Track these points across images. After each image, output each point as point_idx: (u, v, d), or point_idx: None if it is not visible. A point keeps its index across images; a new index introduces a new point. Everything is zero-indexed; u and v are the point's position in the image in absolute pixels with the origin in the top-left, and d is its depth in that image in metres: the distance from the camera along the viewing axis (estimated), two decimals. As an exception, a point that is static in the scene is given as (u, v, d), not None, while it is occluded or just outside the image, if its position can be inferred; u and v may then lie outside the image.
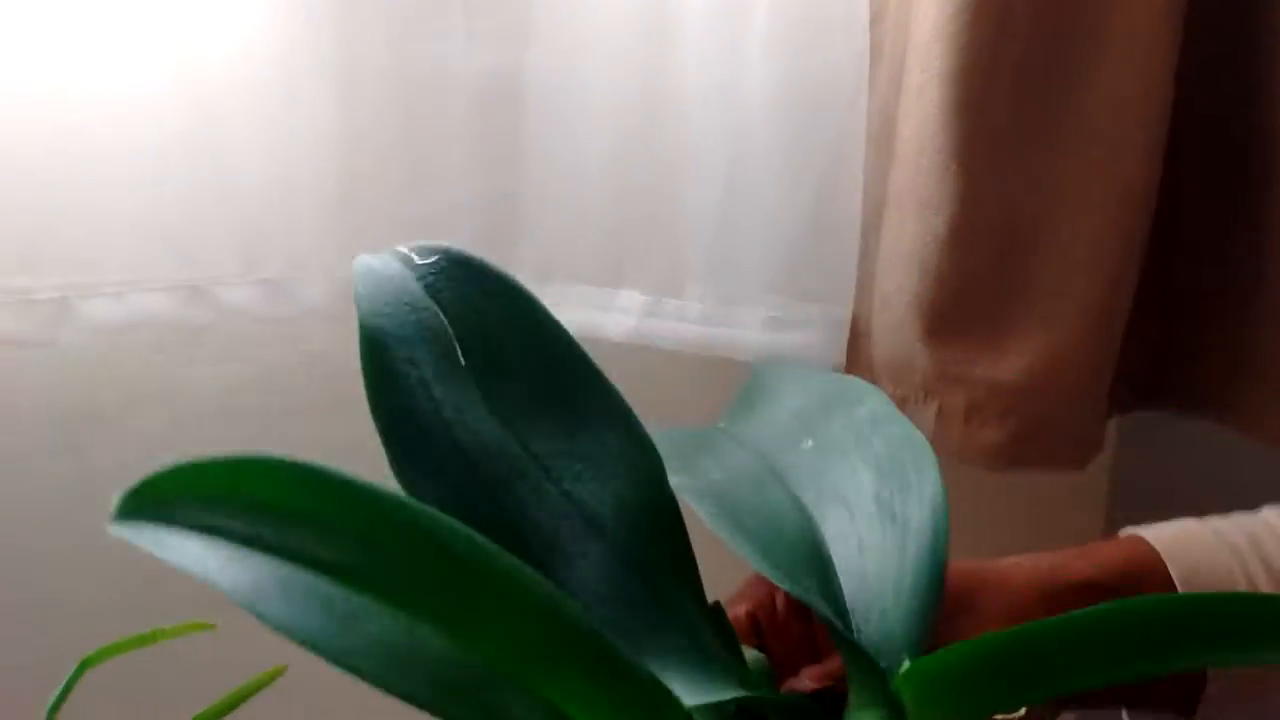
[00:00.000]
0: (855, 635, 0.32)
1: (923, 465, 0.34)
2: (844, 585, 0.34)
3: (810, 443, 0.37)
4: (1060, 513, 0.79)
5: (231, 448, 0.67)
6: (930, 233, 0.56)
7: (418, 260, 0.34)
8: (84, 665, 0.42)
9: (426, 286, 0.34)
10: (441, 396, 0.32)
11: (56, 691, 0.40)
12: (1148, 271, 0.60)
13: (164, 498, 0.23)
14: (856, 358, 0.63)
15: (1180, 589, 0.39)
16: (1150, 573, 0.40)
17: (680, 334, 0.64)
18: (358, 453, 0.79)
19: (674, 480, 0.35)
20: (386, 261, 0.34)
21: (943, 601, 0.32)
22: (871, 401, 0.37)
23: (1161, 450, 0.78)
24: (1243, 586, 0.39)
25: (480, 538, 0.25)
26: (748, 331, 0.63)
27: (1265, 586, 0.39)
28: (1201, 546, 0.40)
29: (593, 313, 0.66)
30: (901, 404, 0.61)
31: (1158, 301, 0.64)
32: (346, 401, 0.76)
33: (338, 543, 0.24)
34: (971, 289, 0.57)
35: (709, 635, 0.33)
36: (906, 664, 0.29)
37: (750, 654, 0.36)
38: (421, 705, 0.24)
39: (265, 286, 0.65)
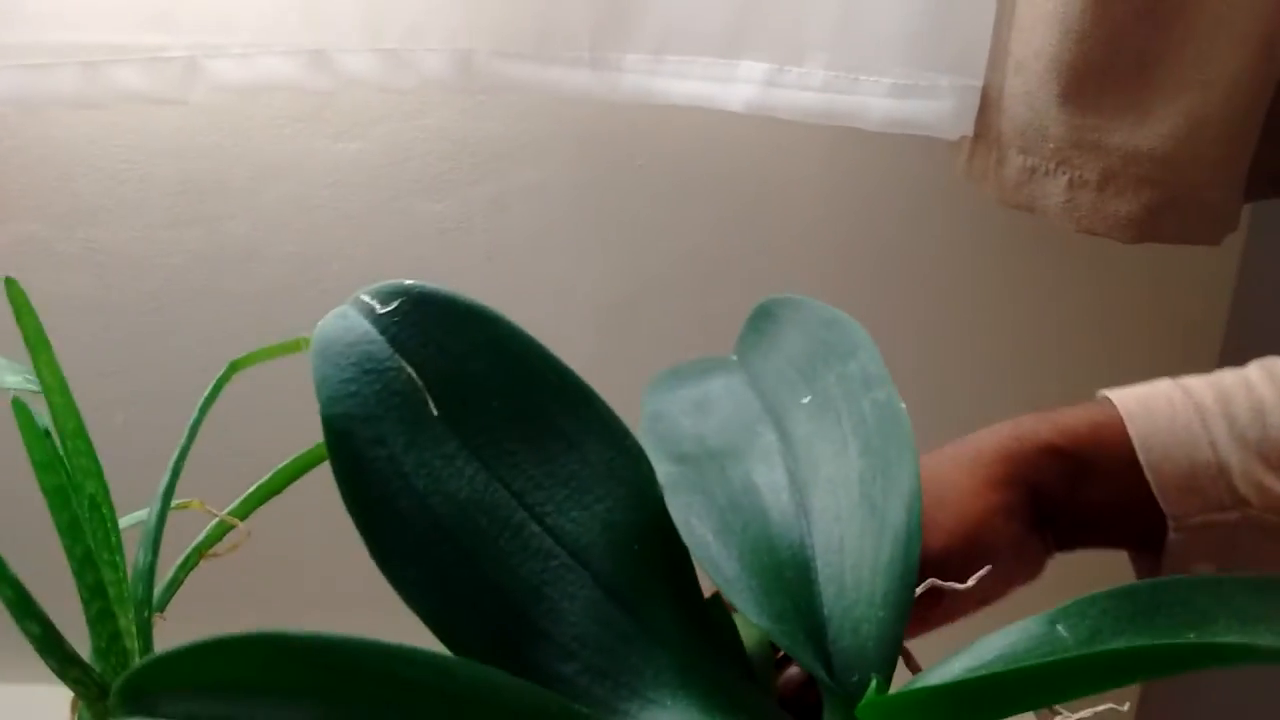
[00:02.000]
0: (833, 646, 0.33)
1: (903, 448, 0.34)
2: (824, 590, 0.34)
3: (808, 398, 0.37)
4: (1185, 300, 0.77)
5: (350, 225, 0.68)
6: (1074, -11, 0.54)
7: (379, 310, 0.33)
8: (233, 367, 0.45)
9: (390, 339, 0.33)
10: (413, 467, 0.32)
11: (208, 389, 0.43)
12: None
13: (146, 691, 0.24)
14: (986, 128, 0.61)
15: (1139, 452, 0.40)
16: (1111, 435, 0.40)
17: (802, 103, 0.62)
18: (467, 231, 0.81)
19: (666, 472, 0.35)
20: (347, 320, 0.33)
21: (912, 598, 0.32)
22: (863, 355, 0.36)
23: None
24: (1203, 447, 0.39)
25: (432, 656, 0.26)
26: (874, 99, 0.61)
27: (1226, 444, 0.39)
28: (1166, 406, 0.40)
29: (712, 85, 0.65)
30: (1030, 174, 0.59)
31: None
32: (462, 180, 0.77)
33: (299, 705, 0.25)
34: (1114, 51, 0.54)
35: (698, 657, 0.33)
36: (872, 688, 0.30)
37: (753, 636, 0.37)
38: None
39: (385, 55, 0.65)
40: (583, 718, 0.29)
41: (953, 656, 0.31)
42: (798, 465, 0.36)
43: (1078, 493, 0.41)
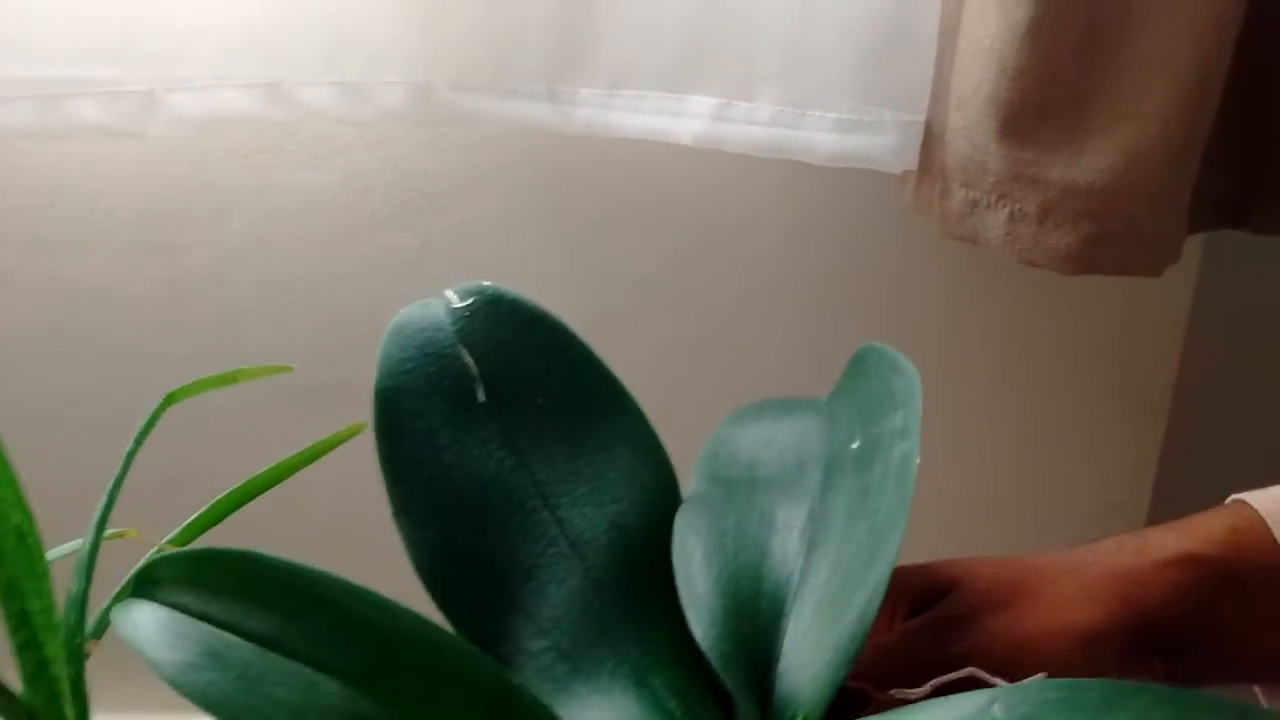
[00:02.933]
0: (777, 683, 0.34)
1: (892, 535, 0.32)
2: (790, 632, 0.34)
3: (857, 444, 0.37)
4: (1139, 332, 0.78)
5: (313, 254, 0.70)
6: (1010, 26, 0.55)
7: (456, 304, 0.38)
8: (169, 399, 0.45)
9: (458, 330, 0.38)
10: (446, 441, 0.36)
11: (141, 424, 0.44)
12: (1236, 76, 0.58)
13: (150, 581, 0.30)
14: (929, 162, 0.63)
15: None
16: (1254, 540, 0.37)
17: (750, 137, 0.64)
18: (428, 260, 0.82)
19: (694, 489, 0.37)
20: (426, 310, 0.38)
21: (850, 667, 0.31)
22: (908, 407, 0.36)
23: (1246, 275, 0.77)
24: None
25: (392, 605, 0.30)
26: (819, 134, 0.62)
27: None
28: None
29: (663, 119, 0.66)
30: (972, 208, 0.60)
31: (1247, 110, 0.62)
32: (423, 212, 0.78)
33: (267, 614, 0.29)
34: (1050, 85, 0.56)
35: (666, 667, 0.35)
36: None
37: None
38: None
39: (344, 88, 0.66)
40: (512, 686, 0.31)
41: (888, 715, 0.32)
42: (823, 509, 0.37)
43: (1216, 611, 0.37)
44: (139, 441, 0.44)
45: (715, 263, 0.76)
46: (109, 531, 0.42)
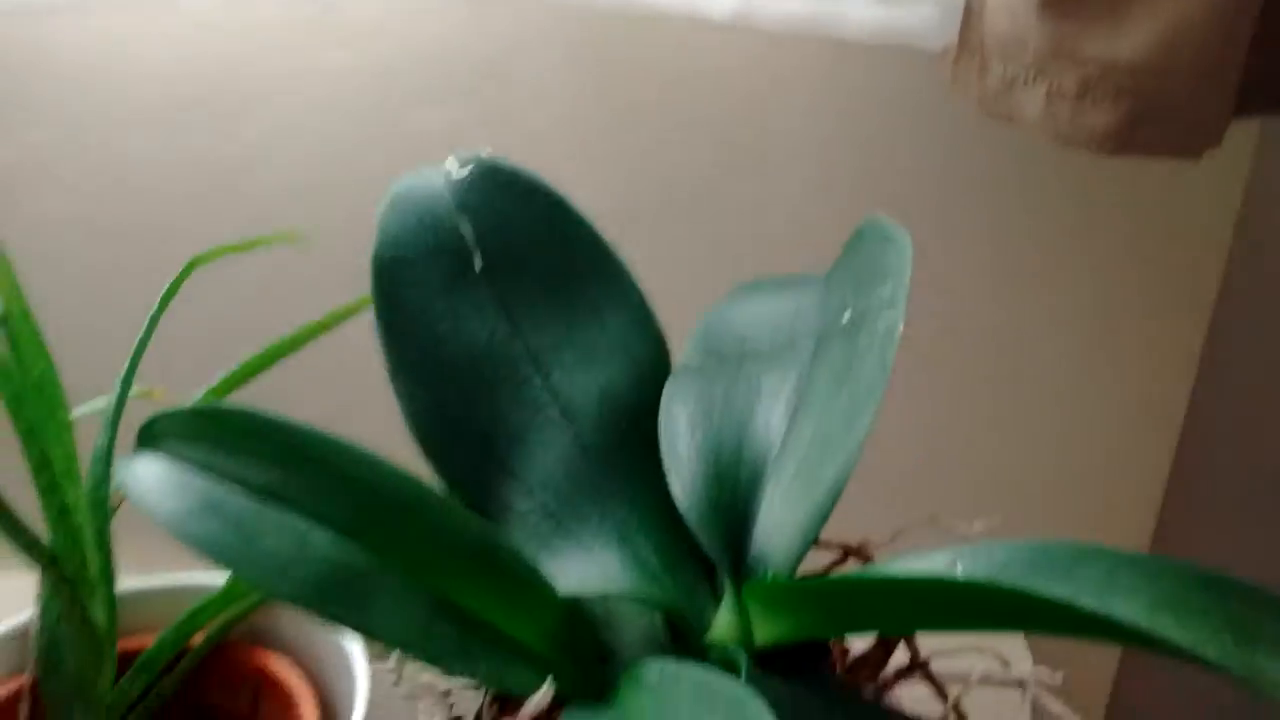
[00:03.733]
0: (752, 547, 0.34)
1: (870, 402, 0.32)
2: (765, 499, 0.35)
3: (848, 316, 0.37)
4: (1185, 230, 0.76)
5: (348, 134, 0.70)
6: (1053, -109, 0.52)
7: (455, 174, 0.38)
8: (192, 264, 0.47)
9: (457, 200, 0.38)
10: (442, 310, 0.37)
11: (166, 287, 0.45)
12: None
13: (155, 433, 0.31)
14: (968, 37, 0.60)
15: None
16: None
17: (786, 12, 0.62)
18: (464, 139, 0.81)
19: (685, 360, 0.38)
20: (424, 179, 0.38)
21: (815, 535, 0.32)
22: (897, 277, 0.35)
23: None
24: None
25: (383, 462, 0.32)
26: (856, 7, 0.60)
27: None
28: None
29: (697, -9, 0.64)
30: (1010, 85, 0.58)
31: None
32: (454, 91, 0.78)
33: (262, 468, 0.31)
34: (1094, -45, 0.53)
35: (654, 531, 0.36)
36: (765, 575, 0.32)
37: None
38: (305, 604, 0.29)
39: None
40: (497, 540, 0.33)
41: (865, 568, 0.33)
42: (810, 380, 0.37)
43: None
44: (164, 304, 0.45)
45: (747, 147, 0.75)
46: (135, 390, 0.44)
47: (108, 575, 0.41)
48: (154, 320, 0.44)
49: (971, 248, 0.77)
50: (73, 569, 0.40)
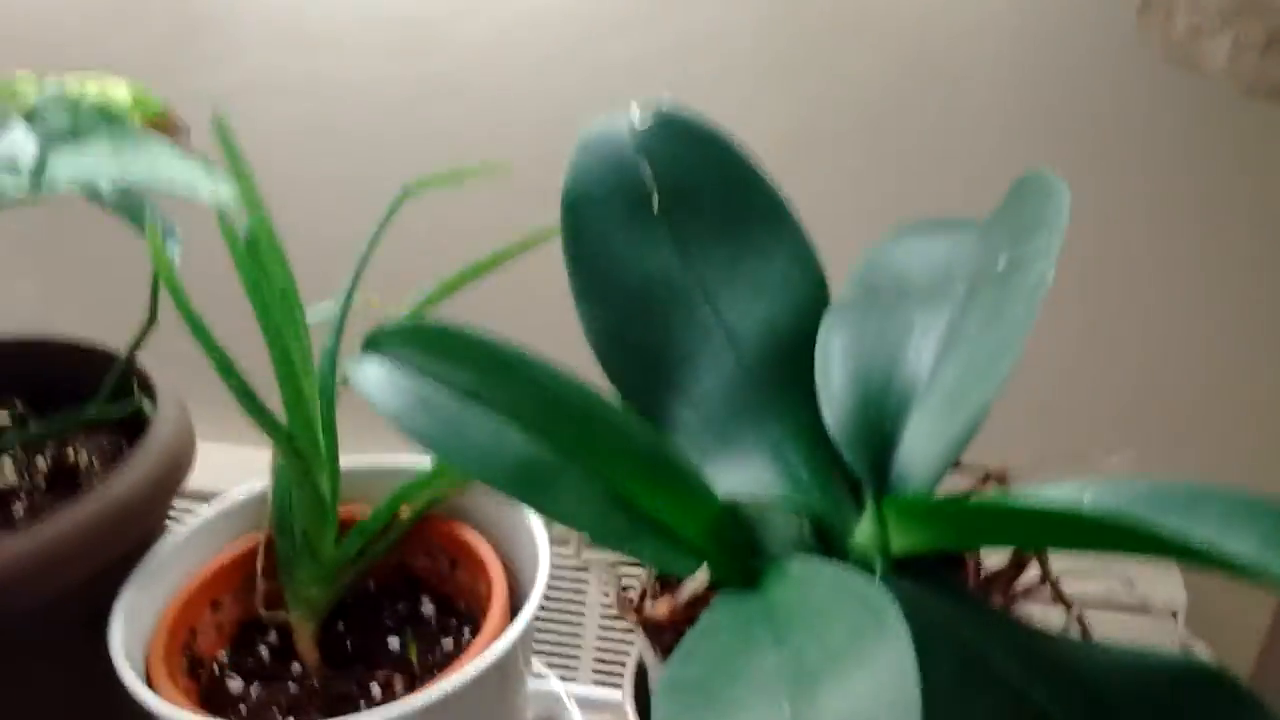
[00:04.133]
0: (895, 468, 0.38)
1: (1015, 341, 0.35)
2: (910, 427, 0.38)
3: (1004, 263, 0.38)
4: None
5: (542, 63, 0.76)
6: None
7: (638, 119, 0.42)
8: (405, 194, 0.52)
9: (639, 143, 0.42)
10: (623, 242, 0.41)
11: (384, 211, 0.51)
12: None
13: (379, 340, 0.37)
14: (1155, -18, 0.60)
15: None
16: None
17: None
18: (651, 67, 0.85)
19: (842, 294, 0.41)
20: (611, 122, 0.42)
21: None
22: (1052, 227, 0.37)
23: None
24: None
25: (567, 374, 0.37)
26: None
27: None
28: None
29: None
30: (1196, 34, 0.58)
31: None
32: (646, 19, 0.81)
33: (467, 373, 0.36)
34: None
35: (805, 447, 0.39)
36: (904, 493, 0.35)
37: None
38: (500, 487, 0.35)
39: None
40: (666, 445, 0.38)
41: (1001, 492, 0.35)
42: (961, 319, 0.40)
43: None
44: (382, 227, 0.51)
45: (930, 79, 0.76)
46: (356, 299, 0.50)
47: (333, 453, 0.48)
48: (373, 241, 0.50)
49: (1132, 186, 0.77)
50: (305, 446, 0.46)
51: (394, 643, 0.51)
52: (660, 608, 0.37)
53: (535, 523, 0.50)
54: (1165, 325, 0.80)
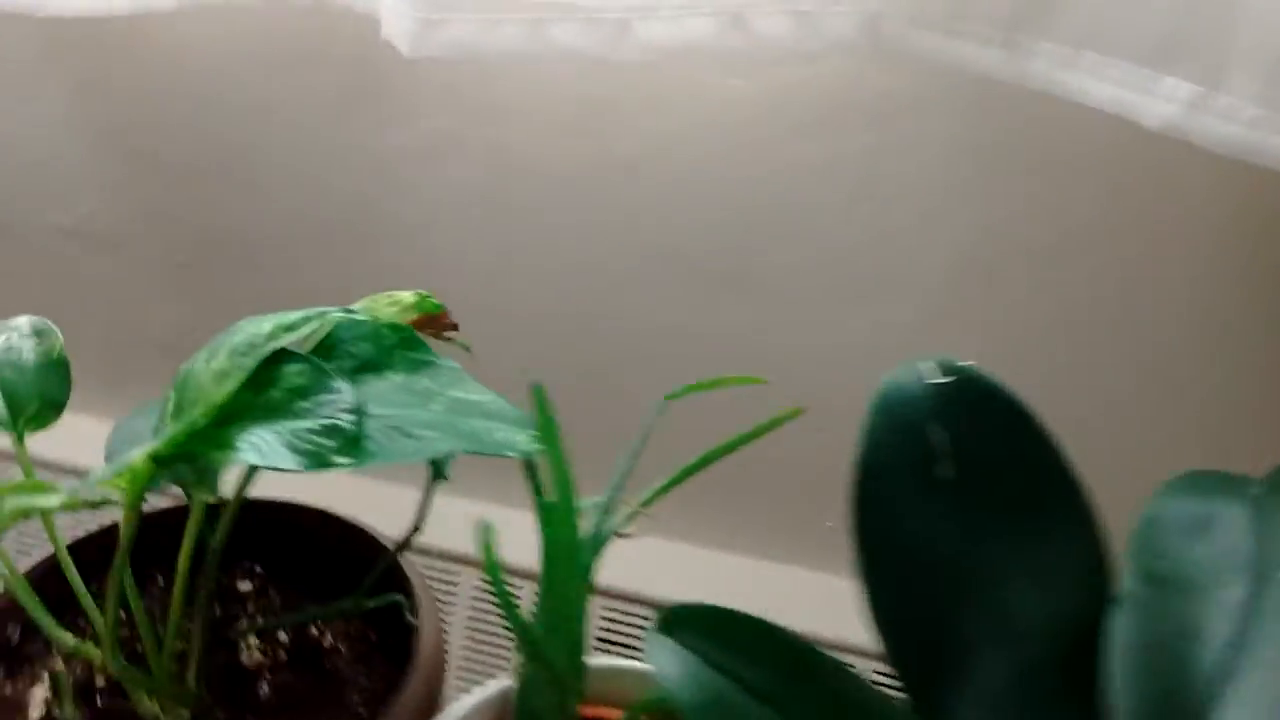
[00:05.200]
0: None
1: None
2: None
3: None
4: None
5: (725, 157, 0.72)
6: None
7: (934, 380, 0.41)
8: (667, 399, 0.51)
9: (934, 410, 0.41)
10: (910, 519, 0.40)
11: (646, 423, 0.50)
12: None
13: (672, 621, 0.37)
14: None
15: None
16: None
17: (1226, 135, 0.60)
18: (835, 174, 0.81)
19: (1129, 588, 0.39)
20: (905, 383, 0.41)
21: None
22: None
23: None
24: None
25: (868, 685, 0.36)
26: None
27: None
28: None
29: (1129, 93, 0.63)
30: None
31: None
32: (840, 125, 0.78)
33: (764, 672, 0.36)
34: None
35: None
36: None
37: None
38: None
39: (798, 18, 0.67)
40: None
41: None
42: (1249, 628, 0.39)
43: None
44: (647, 432, 0.50)
45: (1121, 235, 0.74)
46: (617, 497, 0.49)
47: (578, 659, 0.48)
48: (638, 448, 0.49)
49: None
50: (554, 656, 0.46)
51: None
52: None
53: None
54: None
